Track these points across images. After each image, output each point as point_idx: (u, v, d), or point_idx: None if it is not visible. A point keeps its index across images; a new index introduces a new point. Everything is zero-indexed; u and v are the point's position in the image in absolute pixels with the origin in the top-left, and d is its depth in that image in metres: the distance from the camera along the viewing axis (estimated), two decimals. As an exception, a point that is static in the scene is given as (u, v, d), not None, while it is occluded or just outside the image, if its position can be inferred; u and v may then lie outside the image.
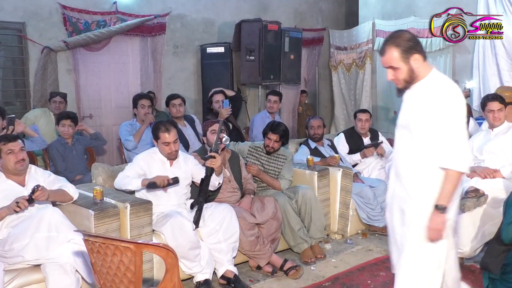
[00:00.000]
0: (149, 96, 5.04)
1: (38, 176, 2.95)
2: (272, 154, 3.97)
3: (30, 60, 5.42)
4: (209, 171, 3.20)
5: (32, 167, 2.97)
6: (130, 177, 3.17)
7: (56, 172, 4.07)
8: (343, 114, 8.30)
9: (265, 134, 3.97)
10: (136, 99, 4.74)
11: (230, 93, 5.31)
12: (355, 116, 4.84)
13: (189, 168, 3.36)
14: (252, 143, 4.20)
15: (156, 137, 3.26)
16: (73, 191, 2.97)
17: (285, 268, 3.42)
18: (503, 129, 3.71)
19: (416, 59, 2.10)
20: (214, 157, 3.17)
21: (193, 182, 3.41)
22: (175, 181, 3.11)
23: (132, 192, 3.29)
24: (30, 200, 2.65)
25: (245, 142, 4.28)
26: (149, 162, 3.28)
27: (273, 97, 5.44)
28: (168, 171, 3.25)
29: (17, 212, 2.64)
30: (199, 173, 3.31)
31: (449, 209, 2.13)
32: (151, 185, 3.06)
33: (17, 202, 2.62)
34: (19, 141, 2.90)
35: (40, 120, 4.79)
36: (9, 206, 2.65)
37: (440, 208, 2.09)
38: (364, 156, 4.63)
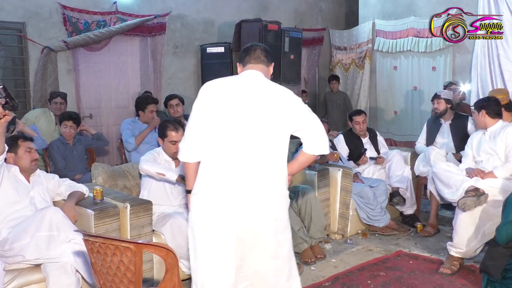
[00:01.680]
0: (157, 100, 4.93)
1: (42, 178, 3.00)
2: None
3: (30, 60, 5.41)
4: None
5: (37, 170, 3.02)
6: (162, 166, 3.18)
7: (56, 170, 4.10)
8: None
9: None
10: (144, 103, 4.63)
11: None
12: (351, 119, 4.79)
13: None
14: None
15: (163, 135, 3.27)
16: (85, 189, 3.06)
17: (285, 268, 3.41)
18: (497, 128, 3.67)
19: (238, 66, 2.42)
20: None
21: None
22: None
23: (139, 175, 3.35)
24: (7, 106, 2.52)
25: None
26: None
27: None
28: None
29: None
30: None
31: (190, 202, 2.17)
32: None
33: None
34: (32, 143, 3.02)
35: (40, 120, 4.78)
36: None
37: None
38: (359, 165, 4.64)
